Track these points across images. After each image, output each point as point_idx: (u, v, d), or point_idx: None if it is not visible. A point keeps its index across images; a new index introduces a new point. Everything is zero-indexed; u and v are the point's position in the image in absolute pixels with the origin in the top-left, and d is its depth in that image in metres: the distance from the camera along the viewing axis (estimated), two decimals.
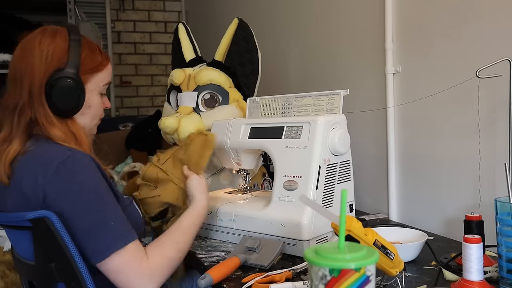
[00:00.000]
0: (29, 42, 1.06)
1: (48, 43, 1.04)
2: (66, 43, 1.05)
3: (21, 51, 1.06)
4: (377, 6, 1.58)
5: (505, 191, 0.95)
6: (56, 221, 0.93)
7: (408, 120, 1.51)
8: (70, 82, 1.03)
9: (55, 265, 0.96)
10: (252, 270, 1.10)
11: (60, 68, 1.03)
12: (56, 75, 1.03)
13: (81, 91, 1.06)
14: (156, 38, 3.77)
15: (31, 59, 1.03)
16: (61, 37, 1.06)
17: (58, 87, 1.02)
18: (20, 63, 1.05)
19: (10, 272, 1.65)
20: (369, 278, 0.63)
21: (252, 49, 1.72)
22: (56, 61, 1.04)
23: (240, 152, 1.41)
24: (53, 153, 0.99)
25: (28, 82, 1.03)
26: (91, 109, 1.11)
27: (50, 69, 1.03)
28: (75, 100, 1.06)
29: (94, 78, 1.10)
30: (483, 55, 1.23)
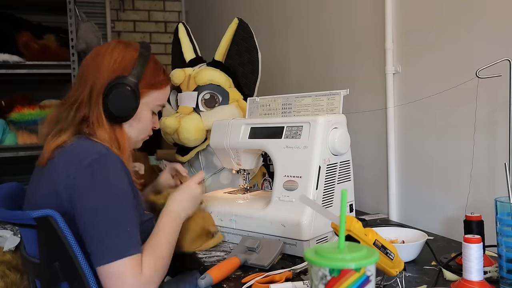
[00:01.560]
0: (103, 47, 1.15)
1: (119, 51, 1.12)
2: (135, 55, 1.13)
3: (95, 53, 1.14)
4: (377, 6, 1.58)
5: (505, 191, 0.95)
6: (60, 220, 0.93)
7: (408, 120, 1.51)
8: (127, 90, 1.10)
9: (59, 264, 0.96)
10: (252, 270, 1.10)
11: (123, 76, 1.10)
12: (117, 80, 1.10)
13: (135, 101, 1.13)
14: (156, 38, 3.77)
15: (100, 62, 1.11)
16: (132, 49, 1.15)
17: (116, 92, 1.09)
18: (90, 63, 1.12)
19: (10, 272, 1.65)
20: (369, 278, 0.63)
21: (252, 49, 1.72)
22: (121, 68, 1.11)
23: (240, 152, 1.41)
24: (90, 148, 1.04)
25: (91, 82, 1.09)
26: (140, 122, 1.17)
27: (114, 74, 1.10)
28: (128, 108, 1.12)
29: (151, 94, 1.17)
30: (483, 55, 1.23)
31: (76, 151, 1.03)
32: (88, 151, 1.02)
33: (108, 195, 0.99)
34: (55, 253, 0.96)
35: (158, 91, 1.19)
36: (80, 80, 1.12)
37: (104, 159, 1.01)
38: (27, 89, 2.84)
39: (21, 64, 2.44)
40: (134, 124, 1.16)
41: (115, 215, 0.98)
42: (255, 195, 1.43)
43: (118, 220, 0.98)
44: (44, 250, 0.99)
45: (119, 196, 1.00)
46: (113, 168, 1.02)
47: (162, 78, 1.19)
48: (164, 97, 1.21)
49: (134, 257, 0.97)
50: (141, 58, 1.14)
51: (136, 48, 1.15)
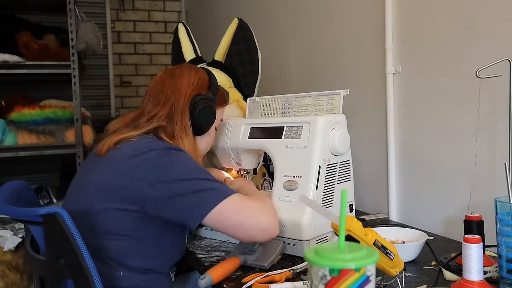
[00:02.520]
0: (179, 68, 1.26)
1: (195, 73, 1.25)
2: (207, 76, 1.27)
3: (171, 74, 1.24)
4: (377, 6, 1.58)
5: (505, 191, 0.95)
6: (67, 218, 0.94)
7: (408, 120, 1.51)
8: (211, 104, 1.24)
9: (64, 262, 0.97)
10: (252, 270, 1.10)
11: (201, 93, 1.22)
12: (200, 97, 1.21)
13: (215, 114, 1.26)
14: (156, 38, 3.77)
15: (180, 81, 1.22)
16: (202, 72, 1.28)
17: (203, 106, 1.21)
18: (169, 83, 1.22)
19: (10, 272, 1.65)
20: (369, 278, 0.63)
21: (252, 49, 1.72)
22: (199, 87, 1.23)
23: (240, 152, 1.41)
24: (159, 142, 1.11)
25: (173, 99, 1.19)
26: (209, 136, 1.29)
27: (194, 92, 1.21)
28: (210, 120, 1.25)
29: (219, 110, 1.30)
30: (483, 55, 1.23)
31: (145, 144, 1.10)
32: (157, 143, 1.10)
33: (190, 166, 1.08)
34: (61, 250, 0.97)
35: (222, 109, 1.33)
36: (158, 97, 1.20)
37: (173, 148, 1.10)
38: (27, 89, 2.84)
39: (21, 64, 2.43)
40: (205, 138, 1.28)
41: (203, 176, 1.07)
42: None
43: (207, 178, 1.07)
44: (50, 247, 0.99)
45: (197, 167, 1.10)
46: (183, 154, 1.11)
47: (224, 97, 1.34)
48: (223, 113, 1.35)
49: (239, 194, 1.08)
50: (212, 80, 1.28)
51: (204, 72, 1.28)
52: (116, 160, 1.08)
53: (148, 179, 1.04)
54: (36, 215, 0.95)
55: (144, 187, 1.03)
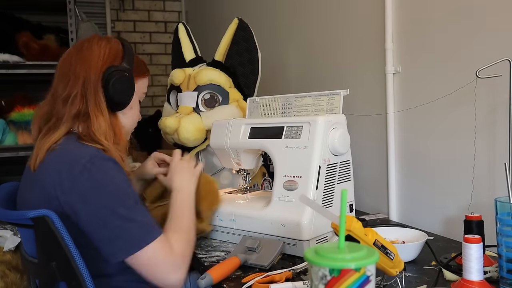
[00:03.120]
0: (86, 40, 1.15)
1: (105, 43, 1.14)
2: (120, 46, 1.16)
3: (78, 47, 1.14)
4: (377, 6, 1.58)
5: (505, 191, 0.95)
6: (57, 221, 0.93)
7: (408, 120, 1.51)
8: (126, 76, 1.12)
9: (56, 264, 0.96)
10: (252, 270, 1.10)
11: (114, 65, 1.12)
12: (112, 68, 1.11)
13: (133, 87, 1.16)
14: (156, 38, 3.77)
15: (88, 54, 1.11)
16: (115, 41, 1.17)
17: (116, 79, 1.10)
18: (76, 57, 1.12)
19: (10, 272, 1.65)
20: (369, 278, 0.63)
21: (252, 49, 1.72)
22: (112, 58, 1.12)
23: (240, 152, 1.41)
24: (81, 151, 1.03)
25: (84, 74, 1.09)
26: (132, 110, 1.19)
27: (106, 64, 1.11)
28: (128, 94, 1.15)
29: (139, 81, 1.20)
30: (483, 55, 1.23)
31: (67, 157, 1.02)
32: (79, 155, 1.02)
33: (111, 192, 0.99)
34: (52, 253, 0.96)
35: (143, 80, 1.22)
36: (67, 74, 1.10)
37: (97, 160, 1.01)
38: (27, 89, 2.84)
39: (21, 64, 2.43)
40: (128, 113, 1.18)
41: (124, 208, 0.99)
42: (255, 195, 1.43)
43: (129, 211, 0.99)
44: (41, 250, 0.99)
45: (121, 189, 1.01)
46: (107, 167, 1.02)
47: (144, 68, 1.23)
48: (146, 85, 1.25)
49: (159, 239, 1.00)
50: (127, 49, 1.16)
51: (117, 41, 1.17)
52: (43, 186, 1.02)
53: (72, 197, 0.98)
54: (26, 218, 0.94)
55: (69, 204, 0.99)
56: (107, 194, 0.99)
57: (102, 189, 0.99)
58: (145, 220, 1.01)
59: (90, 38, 1.16)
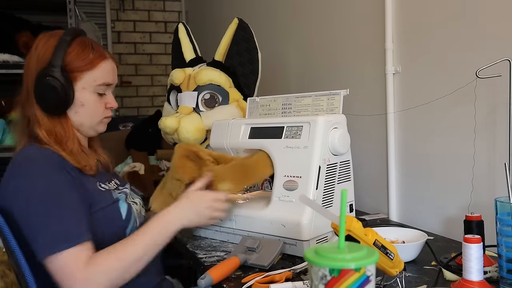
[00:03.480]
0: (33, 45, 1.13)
1: (42, 44, 1.11)
2: (55, 43, 1.09)
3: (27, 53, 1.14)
4: (377, 6, 1.58)
5: (505, 191, 0.95)
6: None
7: (408, 120, 1.51)
8: (50, 80, 1.06)
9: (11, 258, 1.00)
10: (252, 270, 1.10)
11: (45, 67, 1.07)
12: (41, 73, 1.07)
13: (64, 89, 1.08)
14: (156, 38, 3.77)
15: (28, 61, 1.11)
16: (54, 38, 1.11)
17: (42, 85, 1.07)
18: (25, 64, 1.12)
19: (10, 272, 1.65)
20: (369, 278, 0.63)
21: (252, 49, 1.72)
22: (43, 61, 1.08)
23: (240, 152, 1.41)
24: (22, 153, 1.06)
25: (26, 82, 1.10)
26: (85, 107, 1.12)
27: (38, 69, 1.08)
28: (59, 98, 1.08)
29: (84, 76, 1.11)
30: (483, 55, 1.23)
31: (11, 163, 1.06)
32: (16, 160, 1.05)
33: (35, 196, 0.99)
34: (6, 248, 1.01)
35: (91, 71, 1.11)
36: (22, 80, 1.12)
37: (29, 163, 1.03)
38: None
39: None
40: (79, 111, 1.12)
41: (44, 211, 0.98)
42: (255, 195, 1.43)
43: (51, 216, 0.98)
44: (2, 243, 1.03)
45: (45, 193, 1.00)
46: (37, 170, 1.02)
47: (92, 57, 1.12)
48: (102, 74, 1.13)
49: (78, 248, 0.96)
50: (61, 44, 1.08)
51: (58, 36, 1.10)
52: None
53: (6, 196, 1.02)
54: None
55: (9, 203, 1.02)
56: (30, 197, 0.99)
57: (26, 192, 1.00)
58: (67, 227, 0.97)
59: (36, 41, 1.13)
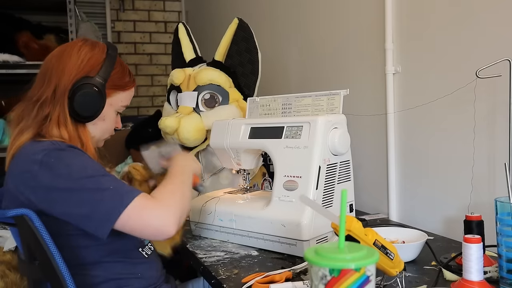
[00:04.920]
0: (69, 45, 1.13)
1: (87, 51, 1.11)
2: (103, 56, 1.12)
3: (60, 51, 1.12)
4: (377, 6, 1.58)
5: (505, 191, 0.95)
6: (35, 219, 0.94)
7: (408, 120, 1.51)
8: (94, 90, 1.09)
9: (39, 263, 0.97)
10: (252, 270, 1.10)
11: (89, 76, 1.09)
12: (84, 80, 1.09)
13: (101, 102, 1.12)
14: (156, 38, 3.77)
15: (66, 59, 1.09)
16: (99, 49, 1.13)
17: (82, 92, 1.08)
18: (55, 61, 1.10)
19: (10, 272, 1.65)
20: (369, 278, 0.63)
21: (252, 49, 1.72)
22: (88, 67, 1.10)
23: (240, 152, 1.41)
24: (35, 149, 1.02)
25: (56, 80, 1.09)
26: (105, 122, 1.16)
27: (80, 74, 1.09)
28: (94, 108, 1.11)
29: (116, 95, 1.16)
30: (483, 55, 1.23)
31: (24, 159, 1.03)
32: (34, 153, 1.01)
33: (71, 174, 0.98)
34: (34, 252, 0.97)
35: (123, 93, 1.18)
36: (44, 77, 1.10)
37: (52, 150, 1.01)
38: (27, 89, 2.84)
39: (21, 64, 2.44)
40: (99, 124, 1.15)
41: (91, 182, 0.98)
42: (255, 195, 1.43)
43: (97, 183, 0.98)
44: (25, 248, 1.00)
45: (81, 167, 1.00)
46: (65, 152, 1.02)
47: (128, 80, 1.18)
48: (129, 98, 1.21)
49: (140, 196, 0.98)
50: (108, 60, 1.13)
51: (103, 49, 1.14)
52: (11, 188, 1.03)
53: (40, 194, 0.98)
54: (6, 217, 0.95)
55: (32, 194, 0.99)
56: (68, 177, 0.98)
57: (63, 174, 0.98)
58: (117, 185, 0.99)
59: (73, 44, 1.14)
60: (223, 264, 1.17)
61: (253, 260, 1.19)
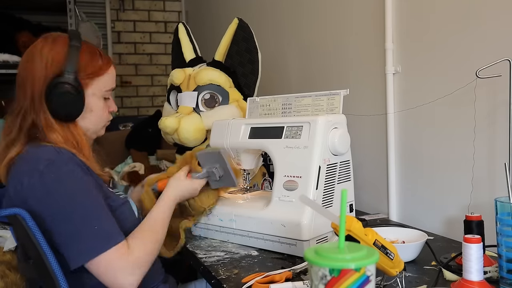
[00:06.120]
0: (31, 49, 1.10)
1: (48, 50, 1.08)
2: (65, 49, 1.08)
3: (25, 58, 1.11)
4: (377, 6, 1.58)
5: (505, 191, 0.95)
6: (28, 219, 0.94)
7: (408, 120, 1.51)
8: (68, 88, 1.06)
9: (33, 262, 0.98)
10: (252, 270, 1.10)
11: (58, 74, 1.06)
12: (55, 80, 1.05)
13: (79, 96, 1.08)
14: (156, 38, 3.77)
15: (32, 66, 1.08)
16: (61, 43, 1.09)
17: (57, 92, 1.05)
18: (24, 69, 1.10)
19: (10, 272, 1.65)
20: (369, 278, 0.63)
21: (252, 49, 1.72)
22: (55, 67, 1.06)
23: (240, 152, 1.41)
24: (39, 156, 1.02)
25: (30, 88, 1.07)
26: (93, 113, 1.13)
27: (49, 75, 1.06)
28: (74, 105, 1.08)
29: (94, 82, 1.12)
30: (483, 55, 1.23)
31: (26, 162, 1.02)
32: (37, 159, 1.01)
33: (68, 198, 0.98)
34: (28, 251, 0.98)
35: (101, 77, 1.13)
36: (19, 87, 1.09)
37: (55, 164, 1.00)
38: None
39: None
40: (88, 116, 1.12)
41: (82, 214, 0.98)
42: (255, 195, 1.43)
43: (87, 217, 0.98)
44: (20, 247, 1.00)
45: (79, 194, 1.00)
46: (66, 170, 1.01)
47: (101, 63, 1.13)
48: (110, 80, 1.16)
49: (118, 246, 0.98)
50: (71, 51, 1.08)
51: (65, 41, 1.10)
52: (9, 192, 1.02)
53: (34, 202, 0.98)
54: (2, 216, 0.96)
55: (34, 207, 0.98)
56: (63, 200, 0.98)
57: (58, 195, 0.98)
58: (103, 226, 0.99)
59: (34, 47, 1.10)
60: (223, 264, 1.17)
61: (253, 260, 1.19)
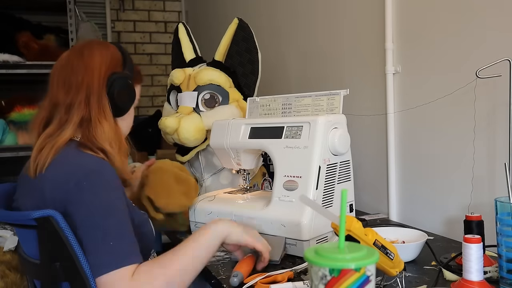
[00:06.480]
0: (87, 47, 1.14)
1: (106, 50, 1.14)
2: (119, 51, 1.17)
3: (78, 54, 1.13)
4: (377, 6, 1.58)
5: (505, 191, 0.95)
6: (61, 221, 0.94)
7: (408, 120, 1.51)
8: (129, 82, 1.14)
9: (60, 265, 0.96)
10: (254, 269, 1.10)
11: (117, 72, 1.12)
12: (116, 75, 1.12)
13: (134, 93, 1.17)
14: (156, 38, 3.77)
15: (90, 62, 1.11)
16: (114, 48, 1.17)
17: (120, 85, 1.12)
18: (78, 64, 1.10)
19: (10, 272, 1.65)
20: (369, 278, 0.63)
21: (252, 49, 1.72)
22: (113, 65, 1.13)
23: (240, 152, 1.41)
24: (80, 162, 1.02)
25: (87, 82, 1.09)
26: (129, 116, 1.20)
27: (109, 71, 1.11)
28: (131, 99, 1.16)
29: (137, 88, 1.20)
30: (483, 55, 1.23)
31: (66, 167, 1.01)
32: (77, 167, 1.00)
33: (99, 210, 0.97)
34: (56, 253, 0.96)
35: (140, 86, 1.24)
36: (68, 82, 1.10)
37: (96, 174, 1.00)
38: (27, 89, 2.84)
39: (21, 64, 2.43)
40: (126, 118, 1.18)
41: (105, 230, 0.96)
42: (255, 195, 1.43)
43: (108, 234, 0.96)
44: (44, 250, 0.99)
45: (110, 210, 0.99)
46: (104, 183, 1.00)
47: (140, 75, 1.24)
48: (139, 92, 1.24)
49: (128, 268, 0.94)
50: (126, 55, 1.18)
51: (115, 47, 1.18)
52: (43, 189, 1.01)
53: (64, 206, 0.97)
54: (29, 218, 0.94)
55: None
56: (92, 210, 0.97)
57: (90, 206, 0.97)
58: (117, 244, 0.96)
59: (89, 44, 1.15)
60: (223, 264, 1.17)
61: None
